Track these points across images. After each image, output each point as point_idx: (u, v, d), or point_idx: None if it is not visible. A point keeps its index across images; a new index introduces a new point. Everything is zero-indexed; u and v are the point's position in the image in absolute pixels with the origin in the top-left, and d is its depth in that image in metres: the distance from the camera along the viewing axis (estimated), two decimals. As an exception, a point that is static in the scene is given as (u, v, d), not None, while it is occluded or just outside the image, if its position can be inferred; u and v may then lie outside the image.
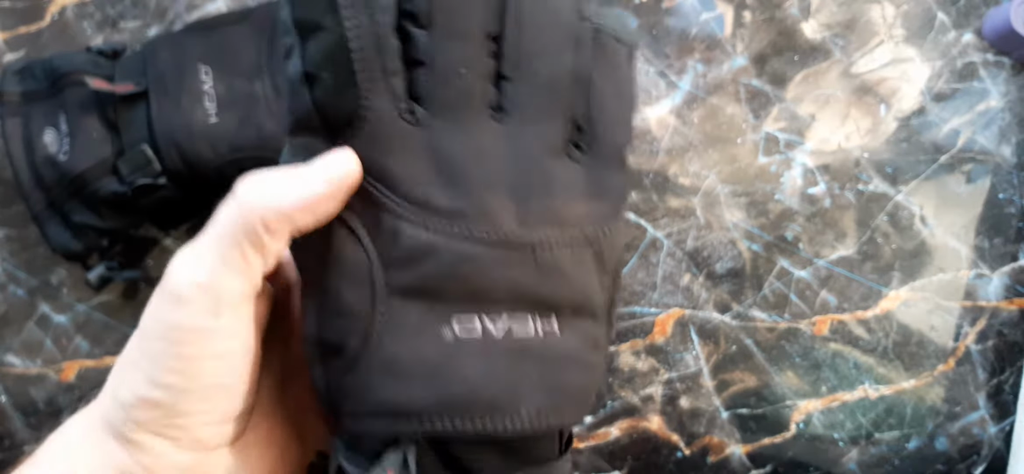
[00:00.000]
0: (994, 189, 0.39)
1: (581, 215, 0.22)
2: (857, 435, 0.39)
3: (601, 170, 0.22)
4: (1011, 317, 0.39)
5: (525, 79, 0.21)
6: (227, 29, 0.36)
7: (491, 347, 0.21)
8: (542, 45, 0.21)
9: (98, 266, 0.37)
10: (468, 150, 0.21)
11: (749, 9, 0.40)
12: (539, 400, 0.21)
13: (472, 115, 0.21)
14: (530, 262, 0.21)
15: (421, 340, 0.21)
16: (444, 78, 0.20)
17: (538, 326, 0.22)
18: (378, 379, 0.21)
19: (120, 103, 0.34)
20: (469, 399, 0.20)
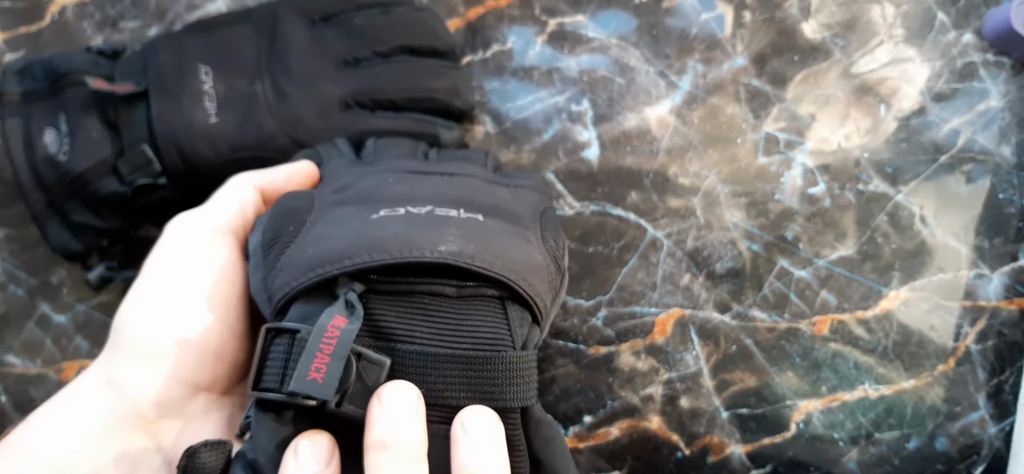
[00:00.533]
0: (994, 189, 0.39)
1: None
2: (857, 435, 0.39)
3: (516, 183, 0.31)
4: (1011, 317, 0.39)
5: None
6: (227, 29, 0.36)
7: (414, 218, 0.24)
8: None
9: (98, 266, 0.37)
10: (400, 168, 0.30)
11: (749, 9, 0.40)
12: (460, 244, 0.22)
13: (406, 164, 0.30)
14: (449, 179, 0.27)
15: (348, 219, 0.24)
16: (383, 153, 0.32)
17: (461, 214, 0.24)
18: (305, 247, 0.23)
19: (120, 103, 0.34)
20: (388, 241, 0.22)
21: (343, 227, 0.23)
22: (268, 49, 0.36)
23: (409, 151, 0.31)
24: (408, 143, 0.32)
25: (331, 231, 0.23)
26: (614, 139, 0.40)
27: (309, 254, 0.22)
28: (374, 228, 0.23)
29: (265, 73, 0.35)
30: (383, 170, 0.27)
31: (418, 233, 0.23)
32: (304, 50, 0.36)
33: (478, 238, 0.23)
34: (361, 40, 0.36)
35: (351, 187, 0.26)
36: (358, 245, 0.22)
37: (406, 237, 0.22)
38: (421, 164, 0.29)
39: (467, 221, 0.24)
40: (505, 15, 0.41)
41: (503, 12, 0.41)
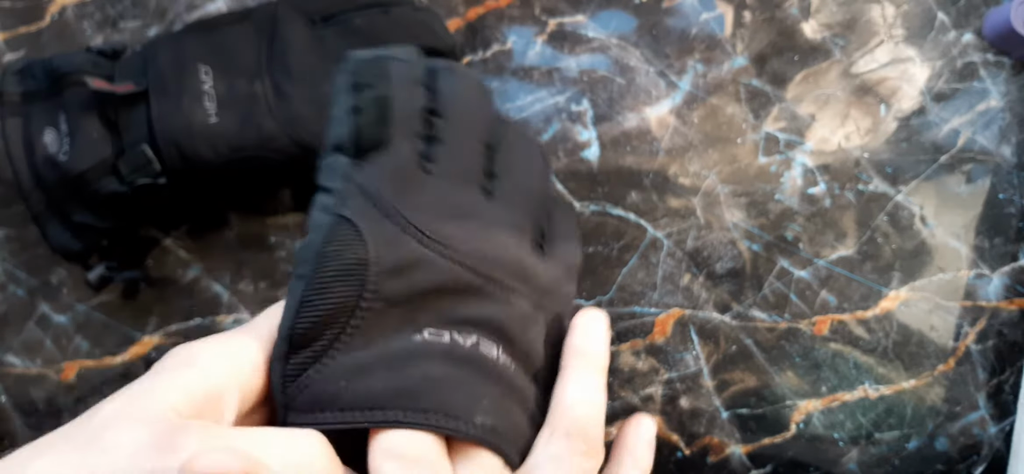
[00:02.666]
0: (994, 189, 0.39)
1: (543, 288, 0.25)
2: (857, 435, 0.39)
3: (562, 271, 0.26)
4: (1011, 317, 0.39)
5: (509, 179, 0.26)
6: (227, 29, 0.36)
7: (455, 355, 0.22)
8: (523, 166, 0.27)
9: (98, 266, 0.37)
10: (464, 204, 0.24)
11: (749, 9, 0.40)
12: (494, 416, 0.22)
13: (471, 185, 0.25)
14: (504, 302, 0.24)
15: (391, 339, 0.22)
16: (452, 152, 0.25)
17: (501, 355, 0.23)
18: (339, 375, 0.21)
19: (120, 103, 0.34)
20: (427, 394, 0.21)
21: (383, 351, 0.22)
22: (268, 49, 0.36)
23: (476, 152, 0.26)
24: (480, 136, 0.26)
25: (367, 360, 0.22)
26: (614, 139, 0.40)
27: (341, 387, 0.21)
28: (411, 369, 0.22)
29: (265, 73, 0.35)
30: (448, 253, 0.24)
31: (458, 390, 0.22)
32: (304, 50, 0.36)
33: (506, 407, 0.23)
34: (361, 40, 0.36)
35: (408, 273, 0.22)
36: (394, 395, 0.21)
37: (445, 397, 0.22)
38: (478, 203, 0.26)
39: (503, 371, 0.23)
40: (505, 15, 0.41)
41: (503, 12, 0.41)
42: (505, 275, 0.24)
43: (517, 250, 0.25)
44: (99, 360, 0.41)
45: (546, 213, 0.27)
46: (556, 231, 0.27)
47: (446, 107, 0.25)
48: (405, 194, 0.23)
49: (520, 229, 0.25)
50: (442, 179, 0.24)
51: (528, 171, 0.27)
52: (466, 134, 0.26)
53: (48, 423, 0.41)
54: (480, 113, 0.26)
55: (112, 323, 0.41)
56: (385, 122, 0.24)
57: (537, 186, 0.27)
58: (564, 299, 0.26)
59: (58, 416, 0.41)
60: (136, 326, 0.41)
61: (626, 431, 0.27)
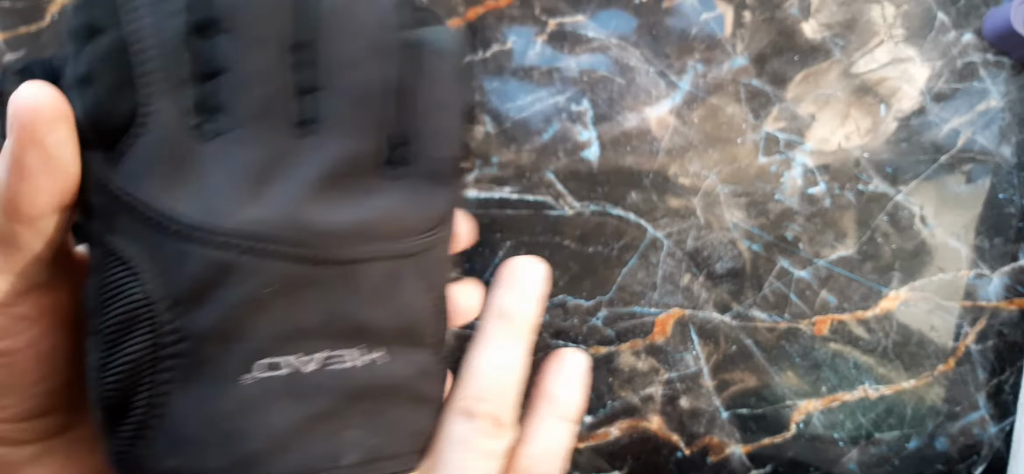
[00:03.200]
0: (994, 189, 0.39)
1: (401, 229, 0.20)
2: (857, 435, 0.39)
3: (424, 184, 0.20)
4: (1011, 317, 0.39)
5: (331, 89, 0.19)
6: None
7: (302, 385, 0.18)
8: (347, 51, 0.19)
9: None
10: (272, 163, 0.18)
11: (749, 9, 0.40)
12: (365, 446, 0.18)
13: (276, 127, 0.18)
14: (349, 282, 0.18)
15: (216, 393, 0.17)
16: (244, 87, 0.18)
17: (360, 358, 0.19)
18: (166, 451, 0.17)
19: (120, 103, 0.34)
20: (275, 457, 0.17)
21: (209, 412, 0.17)
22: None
23: (277, 73, 0.19)
24: (277, 44, 0.18)
25: (195, 420, 0.17)
26: (614, 139, 0.40)
27: (170, 468, 0.18)
28: (252, 425, 0.17)
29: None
30: (256, 245, 0.18)
31: (312, 436, 0.18)
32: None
33: (381, 418, 0.19)
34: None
35: (212, 293, 0.17)
36: (237, 461, 0.17)
37: (298, 454, 0.17)
38: (292, 148, 0.19)
39: (368, 377, 0.19)
40: (505, 15, 0.41)
41: (503, 12, 0.41)
42: (345, 243, 0.18)
43: (353, 197, 0.19)
44: (99, 360, 0.41)
45: (402, 93, 0.20)
46: (425, 121, 0.20)
47: (230, 12, 0.18)
48: (181, 182, 0.17)
49: (356, 162, 0.19)
50: (235, 134, 0.18)
51: (355, 54, 0.19)
52: (262, 48, 0.18)
53: (48, 423, 0.41)
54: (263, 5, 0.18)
55: None
56: (131, 82, 0.17)
57: (379, 75, 0.19)
58: (434, 217, 0.20)
59: (58, 416, 0.41)
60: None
61: (545, 369, 0.23)
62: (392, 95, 0.20)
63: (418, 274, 0.20)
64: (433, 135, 0.21)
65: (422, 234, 0.20)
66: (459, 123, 0.21)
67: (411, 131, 0.20)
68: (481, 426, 0.20)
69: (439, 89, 0.21)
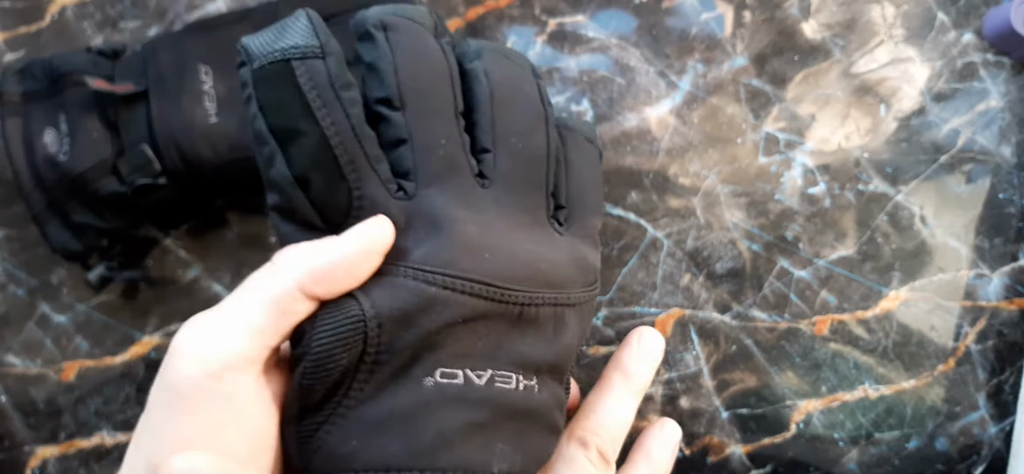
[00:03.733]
0: (994, 189, 0.39)
1: (567, 280, 0.23)
2: (857, 435, 0.39)
3: (580, 245, 0.24)
4: (1011, 317, 0.39)
5: (504, 150, 0.22)
6: (227, 29, 0.36)
7: (471, 395, 0.21)
8: (516, 121, 0.22)
9: (98, 266, 0.37)
10: (459, 211, 0.21)
11: (749, 9, 0.40)
12: (510, 459, 0.21)
13: (459, 181, 0.21)
14: (520, 321, 0.21)
15: (400, 390, 0.20)
16: (426, 151, 0.21)
17: (520, 383, 0.21)
18: (351, 433, 0.20)
19: (120, 103, 0.34)
20: (439, 450, 0.20)
21: (392, 404, 0.20)
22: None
23: (453, 137, 0.22)
24: (448, 115, 0.22)
25: (380, 409, 0.20)
26: (614, 139, 0.40)
27: (354, 447, 0.20)
28: (425, 422, 0.20)
29: (265, 73, 0.35)
30: (454, 282, 0.21)
31: (473, 440, 0.21)
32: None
33: (525, 440, 0.22)
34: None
35: (416, 319, 0.20)
36: (408, 456, 0.20)
37: (461, 454, 0.20)
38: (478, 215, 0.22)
39: (524, 400, 0.21)
40: (505, 15, 0.41)
41: (503, 12, 0.41)
42: (521, 284, 0.21)
43: (526, 245, 0.22)
44: (99, 360, 0.41)
45: (557, 164, 0.24)
46: (578, 189, 0.24)
47: (401, 93, 0.21)
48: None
49: (528, 213, 0.22)
50: (425, 192, 0.21)
51: (527, 128, 0.23)
52: (435, 117, 0.21)
53: (48, 423, 0.41)
54: (442, 77, 0.22)
55: (112, 323, 0.41)
56: (339, 179, 0.20)
57: (540, 143, 0.23)
58: (591, 272, 0.24)
59: (58, 416, 0.41)
60: (136, 326, 0.41)
61: (647, 433, 0.28)
62: (554, 161, 0.24)
63: (577, 320, 0.23)
64: (587, 202, 0.25)
65: (582, 287, 0.23)
66: (600, 192, 0.26)
67: (567, 197, 0.24)
68: (591, 455, 0.25)
69: (590, 165, 0.25)
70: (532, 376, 0.22)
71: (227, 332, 0.20)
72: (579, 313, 0.23)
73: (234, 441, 0.20)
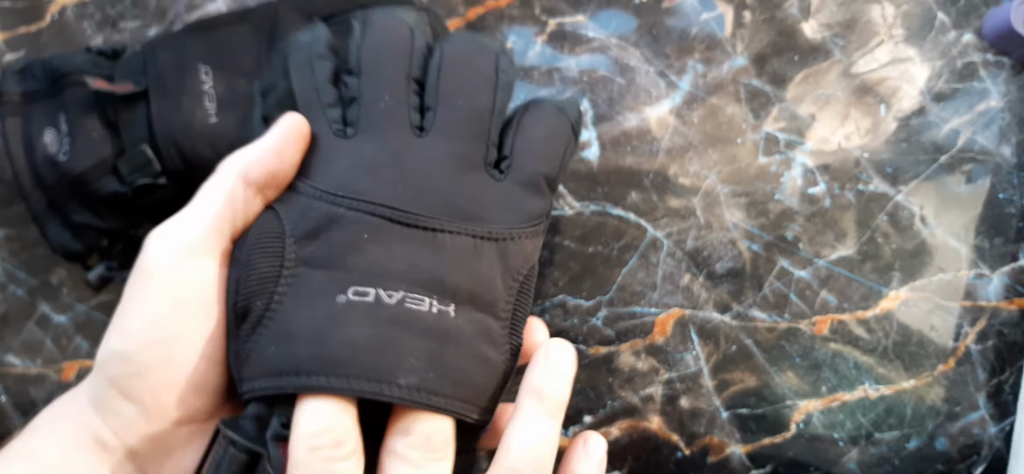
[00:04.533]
0: (994, 189, 0.39)
1: (488, 217, 0.25)
2: (857, 435, 0.39)
3: (518, 190, 0.26)
4: (1011, 317, 0.39)
5: (445, 107, 0.25)
6: (227, 29, 0.36)
7: (381, 313, 0.22)
8: (461, 84, 0.26)
9: (98, 266, 0.37)
10: (386, 154, 0.24)
11: (749, 9, 0.40)
12: (420, 374, 0.22)
13: (394, 131, 0.25)
14: (431, 245, 0.24)
15: (315, 303, 0.23)
16: (368, 105, 0.25)
17: (433, 306, 0.23)
18: (270, 341, 0.22)
19: (120, 103, 0.34)
20: (348, 360, 0.22)
21: (307, 316, 0.22)
22: (268, 49, 0.35)
23: (397, 95, 0.25)
24: (397, 79, 0.25)
25: (296, 320, 0.22)
26: (614, 139, 0.40)
27: (272, 353, 0.22)
28: (336, 332, 0.22)
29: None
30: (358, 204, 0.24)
31: (381, 351, 0.22)
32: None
33: (439, 359, 0.23)
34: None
35: (323, 234, 0.23)
36: (318, 360, 0.22)
37: (368, 361, 0.22)
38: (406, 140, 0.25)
39: (437, 322, 0.23)
40: (505, 15, 0.41)
41: (503, 12, 0.41)
42: (433, 213, 0.24)
43: (450, 183, 0.24)
44: (99, 360, 0.41)
45: (508, 126, 0.26)
46: (524, 142, 0.26)
47: (359, 62, 0.25)
48: (319, 167, 0.24)
49: (459, 157, 0.25)
50: (362, 136, 0.25)
51: (472, 90, 0.25)
52: (384, 80, 0.25)
53: (48, 423, 0.41)
54: (399, 53, 0.25)
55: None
56: (286, 107, 0.25)
57: (483, 104, 0.25)
58: (523, 216, 0.25)
59: (58, 416, 0.41)
60: (136, 326, 0.41)
61: (570, 453, 0.26)
62: (498, 118, 0.26)
63: (497, 257, 0.25)
64: (530, 151, 0.26)
65: (509, 227, 0.25)
66: (556, 150, 0.27)
67: (512, 148, 0.26)
68: None
69: (543, 124, 0.27)
70: (448, 302, 0.23)
71: (187, 224, 0.24)
72: (502, 250, 0.25)
73: (194, 316, 0.23)
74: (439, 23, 0.38)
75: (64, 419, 0.24)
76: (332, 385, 0.21)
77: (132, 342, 0.23)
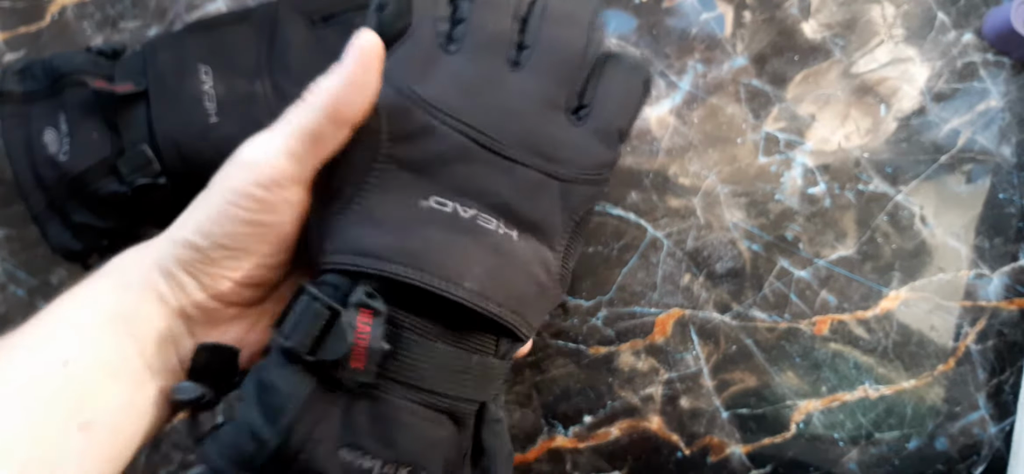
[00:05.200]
0: (994, 189, 0.39)
1: (561, 158, 0.27)
2: (857, 435, 0.38)
3: (591, 137, 0.27)
4: (1011, 317, 0.39)
5: (540, 49, 0.27)
6: (227, 29, 0.36)
7: (456, 224, 0.25)
8: (558, 32, 0.27)
9: (98, 266, 0.37)
10: (482, 78, 0.26)
11: (749, 9, 0.40)
12: (482, 282, 0.25)
13: (493, 59, 0.27)
14: (508, 173, 0.26)
15: (400, 200, 0.25)
16: (476, 29, 0.27)
17: (500, 227, 0.26)
18: (356, 222, 0.25)
19: (120, 103, 0.34)
20: (423, 254, 0.24)
21: (392, 212, 0.25)
22: (268, 49, 0.35)
23: (501, 27, 0.28)
24: (505, 12, 0.28)
25: (381, 210, 0.25)
26: (614, 139, 0.40)
27: (356, 233, 0.25)
28: (416, 231, 0.25)
29: (265, 73, 0.35)
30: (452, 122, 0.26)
31: (452, 255, 0.25)
32: (304, 50, 0.35)
33: (499, 273, 0.25)
34: (361, 40, 0.36)
35: (416, 140, 0.25)
36: (398, 251, 0.24)
37: (440, 261, 0.24)
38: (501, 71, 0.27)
39: (501, 242, 0.26)
40: (505, 15, 0.41)
41: (503, 12, 0.41)
42: (511, 145, 0.26)
43: (533, 119, 0.26)
44: (99, 360, 0.41)
45: (591, 77, 0.28)
46: (604, 94, 0.28)
47: None
48: (421, 75, 0.26)
49: (545, 97, 0.27)
50: (463, 56, 0.26)
51: (566, 38, 0.27)
52: (492, 10, 0.27)
53: (48, 423, 0.40)
54: None
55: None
56: (404, 14, 0.26)
57: (575, 52, 0.27)
58: (592, 162, 0.27)
59: (58, 416, 0.40)
60: (136, 326, 0.40)
61: None
62: (586, 66, 0.28)
63: (560, 195, 0.27)
64: (612, 105, 0.28)
65: (578, 170, 0.27)
66: (631, 106, 0.29)
67: (593, 98, 0.28)
68: None
69: (624, 81, 0.28)
70: (513, 227, 0.26)
71: (276, 153, 0.25)
72: (566, 191, 0.27)
73: (267, 239, 0.26)
74: None
75: (132, 269, 0.27)
76: (408, 274, 0.24)
77: (205, 241, 0.25)
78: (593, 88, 0.28)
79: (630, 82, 0.29)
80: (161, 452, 0.40)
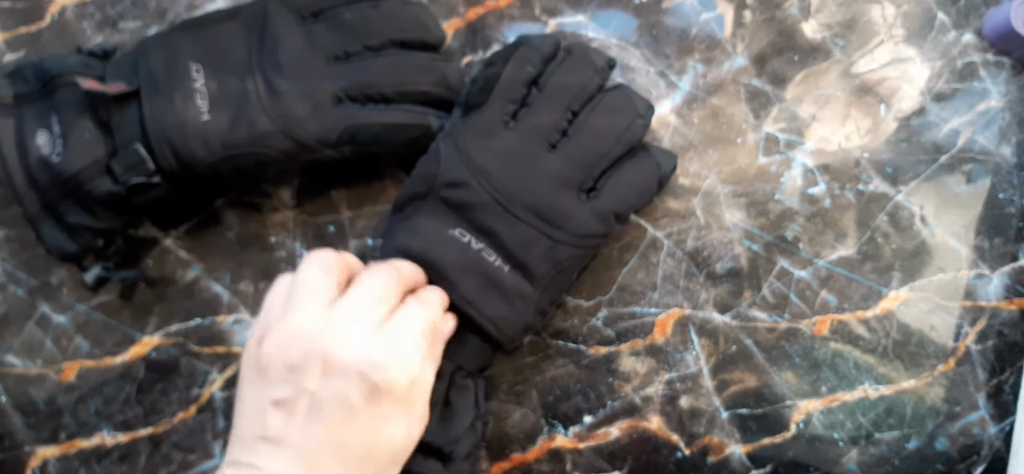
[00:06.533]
0: (994, 189, 0.36)
1: (557, 224, 0.32)
2: (857, 435, 0.36)
3: (590, 214, 0.32)
4: (1011, 317, 0.36)
5: (576, 139, 0.32)
6: (217, 26, 0.33)
7: (467, 250, 0.31)
8: (596, 132, 0.32)
9: (94, 267, 0.34)
10: (521, 156, 0.32)
11: (749, 9, 0.37)
12: (476, 296, 0.31)
13: (535, 142, 0.32)
14: (513, 226, 0.31)
15: (436, 225, 0.32)
16: (534, 115, 0.32)
17: (496, 260, 0.32)
18: (406, 229, 0.32)
19: (112, 103, 0.31)
20: (438, 264, 0.31)
21: (429, 232, 0.32)
22: (259, 46, 0.33)
23: (554, 119, 0.32)
24: (562, 108, 0.33)
25: (421, 228, 0.32)
26: (614, 139, 0.37)
27: (403, 237, 0.32)
28: (440, 248, 0.31)
29: (256, 70, 0.32)
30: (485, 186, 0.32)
31: (456, 265, 0.31)
32: (295, 46, 0.33)
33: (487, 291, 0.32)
34: (351, 35, 0.33)
35: (458, 188, 0.32)
36: (421, 256, 0.31)
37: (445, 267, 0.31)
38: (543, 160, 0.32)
39: (495, 271, 0.32)
40: (505, 15, 0.38)
41: (503, 12, 0.38)
42: (521, 208, 0.31)
43: (546, 194, 0.32)
44: (99, 360, 0.38)
45: (610, 169, 0.33)
46: (615, 183, 0.32)
47: (546, 81, 0.32)
48: (478, 141, 0.32)
49: (563, 178, 0.32)
50: (516, 133, 0.32)
51: (602, 134, 0.32)
52: (553, 102, 0.32)
53: (48, 423, 0.38)
54: (575, 91, 0.32)
55: (112, 323, 0.38)
56: (487, 92, 0.32)
57: (606, 147, 0.32)
58: (583, 232, 0.32)
59: (58, 416, 0.38)
60: (136, 326, 0.38)
61: None
62: (611, 159, 0.33)
63: (548, 250, 0.32)
64: (615, 194, 0.33)
65: (568, 235, 0.32)
66: (636, 199, 0.33)
67: (604, 185, 0.33)
68: None
69: (636, 176, 0.33)
70: (507, 263, 0.32)
71: (415, 359, 0.28)
72: (553, 248, 0.32)
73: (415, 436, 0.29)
74: (428, 16, 0.35)
75: None
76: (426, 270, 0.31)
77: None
78: (610, 175, 0.32)
79: (644, 177, 0.33)
80: (161, 452, 0.37)
